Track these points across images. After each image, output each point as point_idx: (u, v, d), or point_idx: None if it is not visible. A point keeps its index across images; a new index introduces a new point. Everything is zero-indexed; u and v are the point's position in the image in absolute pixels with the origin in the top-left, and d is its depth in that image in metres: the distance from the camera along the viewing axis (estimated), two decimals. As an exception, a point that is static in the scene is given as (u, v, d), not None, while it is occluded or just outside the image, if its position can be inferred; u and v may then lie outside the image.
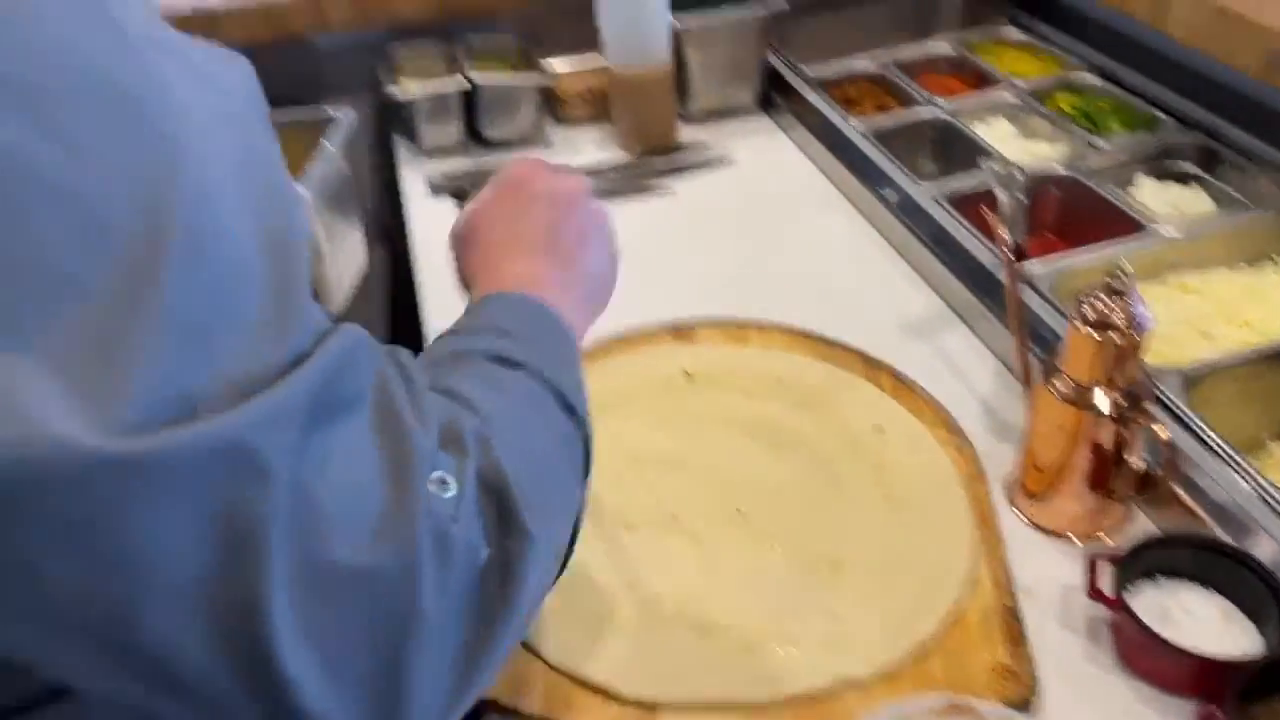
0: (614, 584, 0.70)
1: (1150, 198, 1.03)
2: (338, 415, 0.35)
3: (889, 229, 1.07)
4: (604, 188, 1.19)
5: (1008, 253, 0.77)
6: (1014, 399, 0.82)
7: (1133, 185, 1.06)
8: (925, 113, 1.21)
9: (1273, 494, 0.67)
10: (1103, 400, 0.66)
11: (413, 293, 1.06)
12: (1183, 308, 0.88)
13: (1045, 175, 1.06)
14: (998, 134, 1.18)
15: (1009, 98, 1.22)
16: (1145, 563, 0.64)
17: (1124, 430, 0.66)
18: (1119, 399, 0.66)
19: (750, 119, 1.33)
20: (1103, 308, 0.64)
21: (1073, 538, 0.71)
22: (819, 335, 0.92)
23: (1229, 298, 0.90)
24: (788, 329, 0.93)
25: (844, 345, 0.91)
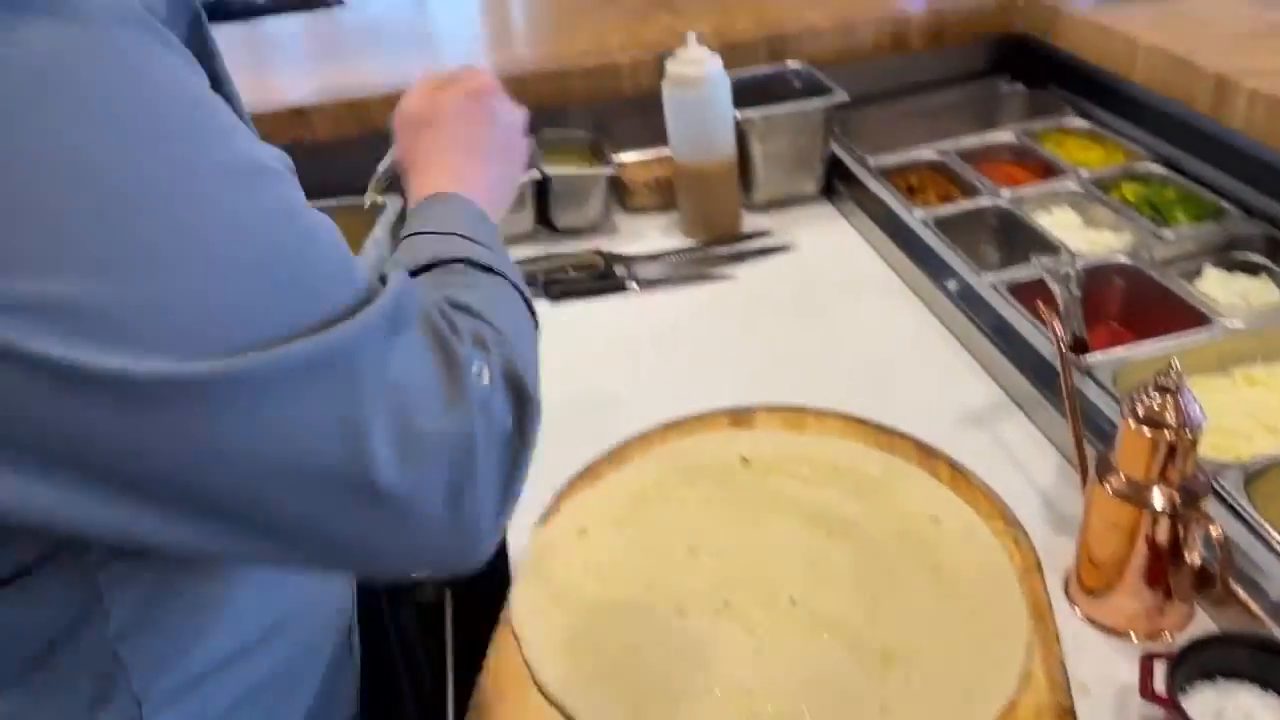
0: (664, 669, 0.71)
1: (1216, 289, 1.02)
2: (401, 331, 0.48)
3: (949, 317, 1.08)
4: (667, 273, 1.23)
5: (1062, 346, 0.78)
6: (1073, 491, 0.81)
7: (1199, 276, 1.05)
8: (987, 201, 1.22)
9: (1338, 596, 0.65)
10: (1157, 497, 0.65)
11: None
12: (1247, 401, 0.87)
13: (1109, 265, 1.06)
14: (1062, 223, 1.19)
15: (1073, 187, 1.22)
16: (1202, 663, 0.62)
17: (1180, 527, 0.66)
18: (1174, 496, 0.65)
19: (813, 206, 1.36)
20: (1154, 405, 0.64)
21: (1131, 635, 0.70)
22: (876, 423, 0.93)
23: (1296, 391, 0.89)
24: (845, 416, 0.94)
25: (901, 433, 0.91)
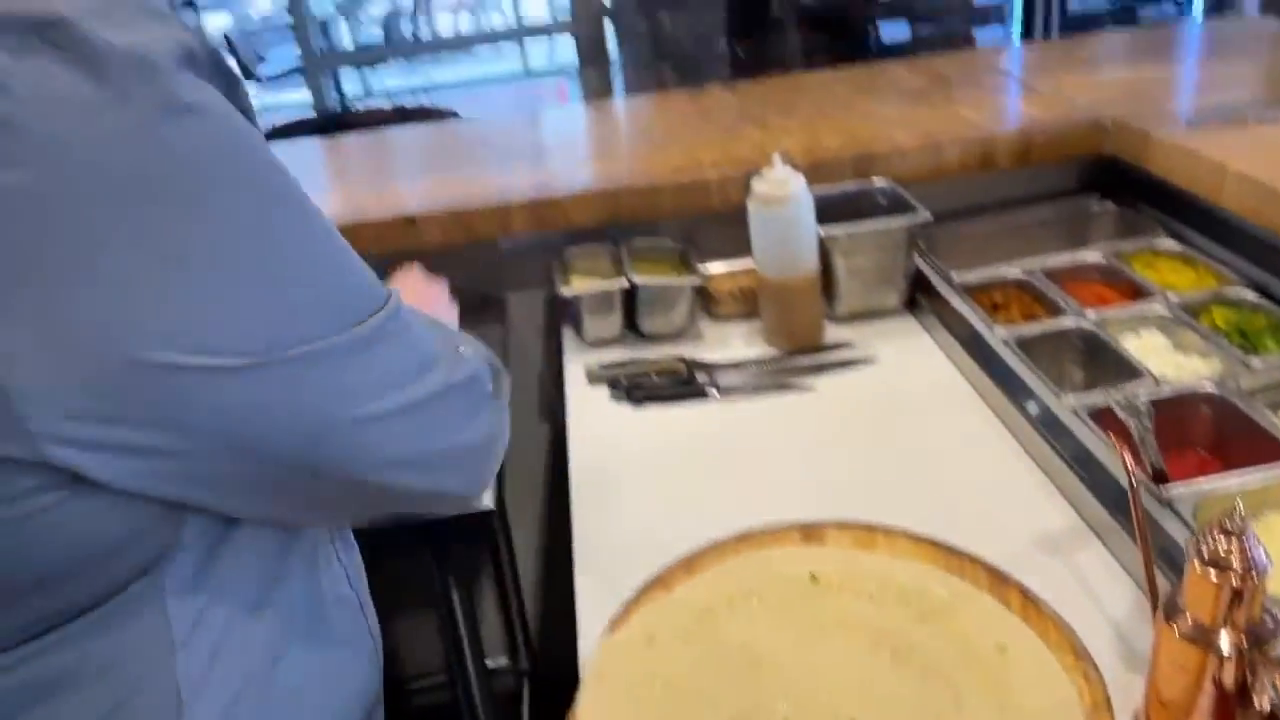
0: (720, 785, 0.72)
1: (1307, 421, 1.00)
2: (414, 325, 0.68)
3: (1028, 440, 1.07)
4: (748, 381, 1.26)
5: (1132, 479, 0.77)
6: (1147, 626, 0.79)
7: (1289, 407, 1.03)
8: (1071, 322, 1.22)
9: None
10: (1224, 641, 0.64)
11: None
12: (1334, 541, 0.84)
13: (1195, 393, 1.05)
14: (1149, 347, 1.18)
15: (1161, 310, 1.21)
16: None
17: (1248, 672, 0.64)
18: (1241, 640, 0.64)
19: (896, 320, 1.38)
20: (1219, 548, 0.63)
21: (1202, 783, 0.68)
22: (948, 545, 0.93)
23: (1388, 532, 0.86)
24: (916, 536, 0.94)
25: (972, 557, 0.91)
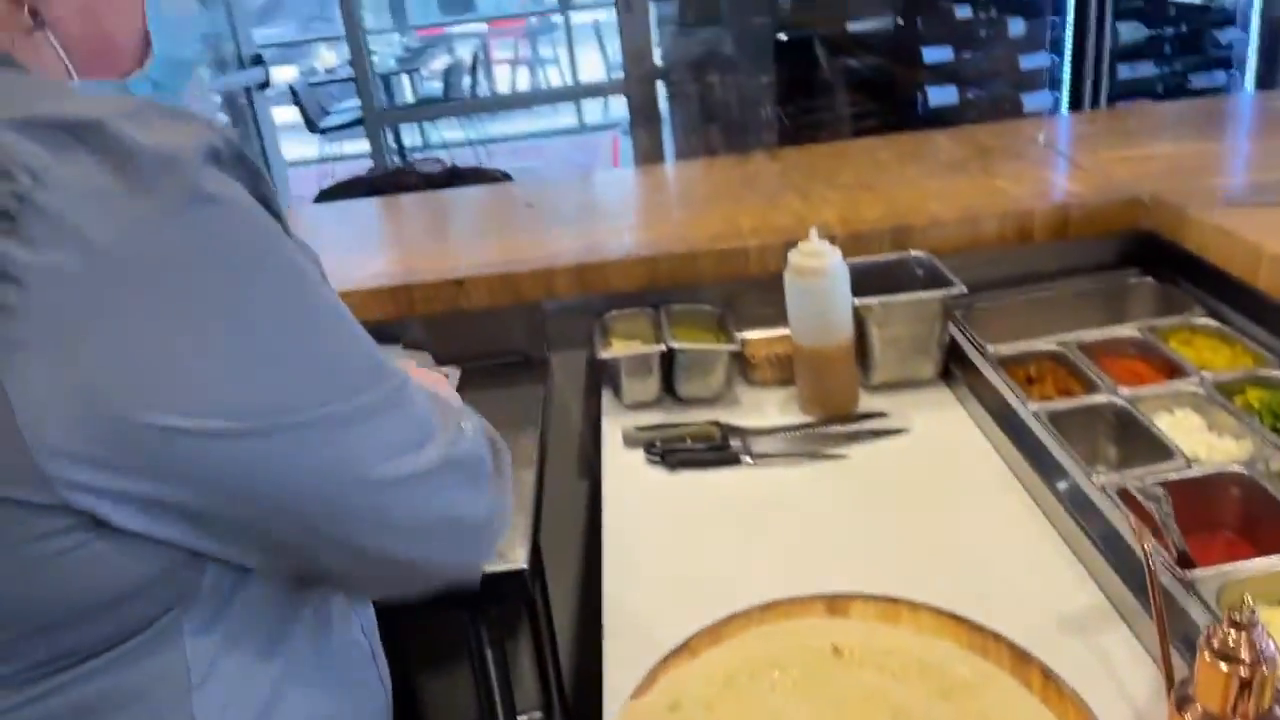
0: None
1: (1339, 508, 1.00)
2: (416, 399, 0.70)
3: (1057, 517, 1.08)
4: (781, 448, 1.28)
5: (1150, 564, 0.78)
6: (1166, 711, 0.80)
7: (1322, 492, 1.03)
8: (1104, 399, 1.23)
9: None
10: (1235, 734, 0.65)
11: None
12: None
13: (1225, 475, 1.05)
14: (1182, 426, 1.18)
15: (1196, 389, 1.21)
16: None
17: (1261, 769, 0.64)
18: (1253, 735, 0.65)
19: (930, 390, 1.39)
20: (1228, 640, 0.64)
21: None
22: (971, 622, 0.94)
23: None
24: (940, 612, 0.95)
25: (996, 634, 0.92)
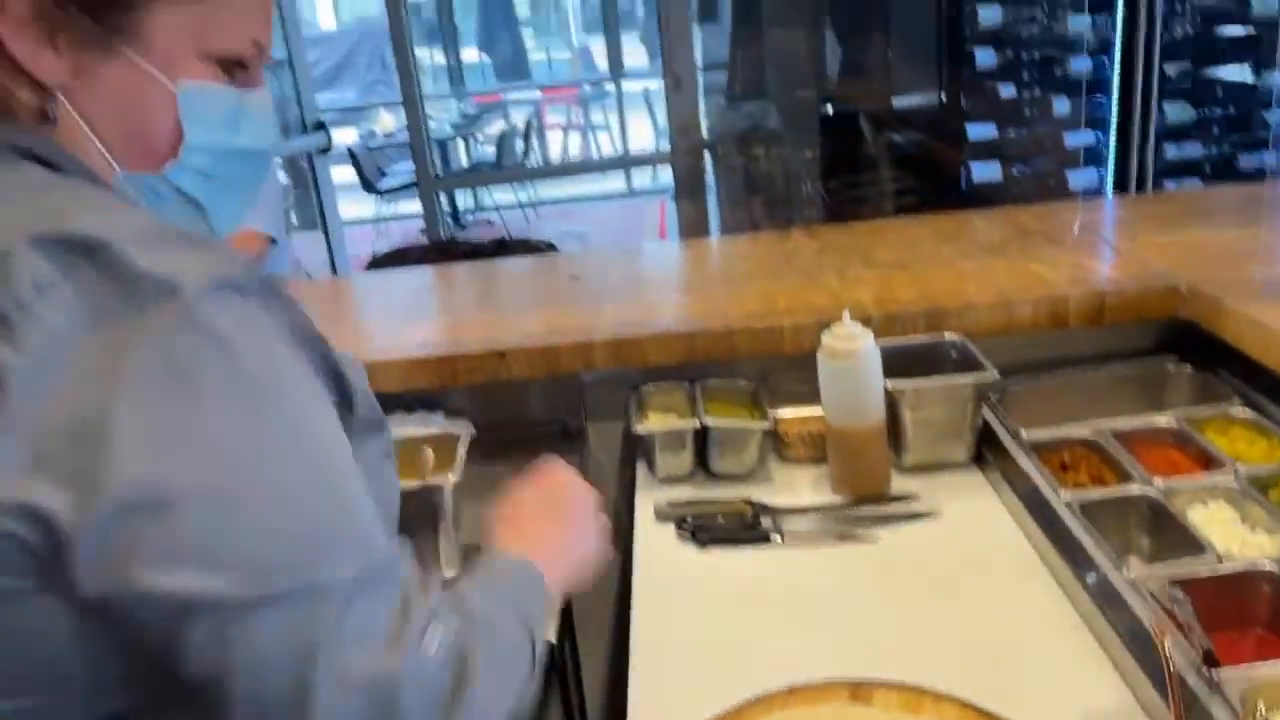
0: None
1: (1375, 611, 0.98)
2: (379, 591, 0.65)
3: (1086, 610, 1.08)
4: (812, 528, 1.29)
5: (1170, 666, 0.78)
6: (1190, 819, 0.79)
7: (1357, 594, 1.01)
8: (1138, 489, 1.22)
9: None
10: None
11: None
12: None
13: (1256, 571, 1.04)
14: (1216, 519, 1.17)
15: (1230, 482, 1.21)
16: None
17: None
18: None
19: (963, 474, 1.39)
20: (1244, 752, 0.64)
21: None
22: (995, 715, 0.94)
23: None
24: (964, 703, 0.95)
25: (1018, 729, 0.92)
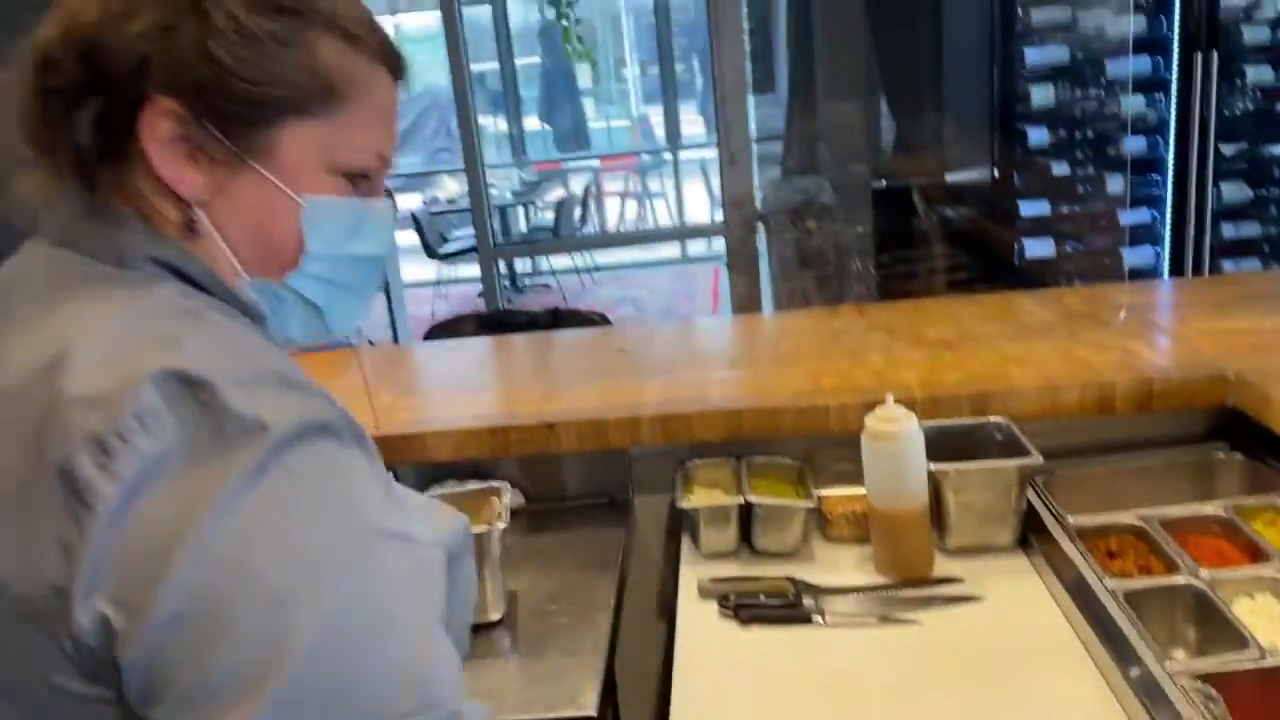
0: None
1: None
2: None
3: (1129, 703, 1.07)
4: (854, 609, 1.30)
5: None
6: None
7: None
8: (1184, 580, 1.22)
9: None
10: None
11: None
12: None
13: (1305, 671, 1.03)
14: (1261, 612, 1.16)
15: (1277, 574, 1.20)
16: None
17: None
18: None
19: (1007, 558, 1.39)
20: None
21: None
22: (1033, 807, 0.94)
23: None
24: (1001, 795, 0.96)
25: (1056, 825, 0.92)
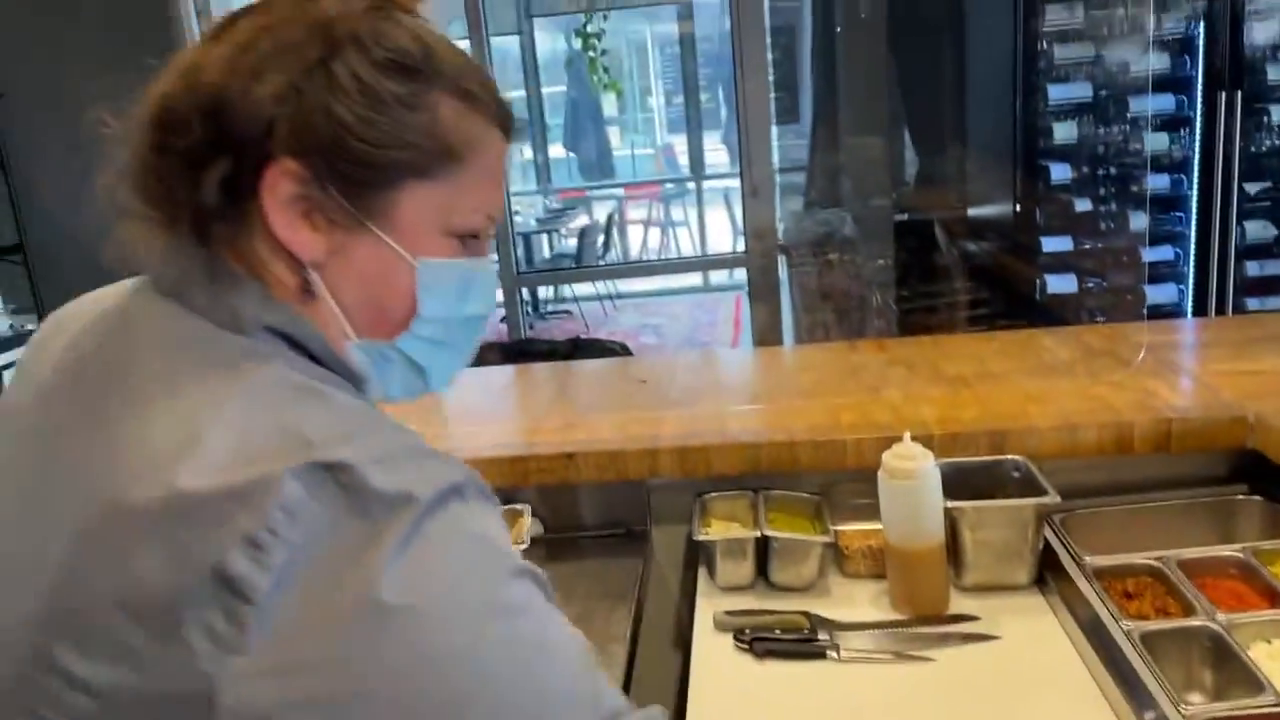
0: None
1: None
2: None
3: (1141, 745, 1.07)
4: (869, 646, 1.30)
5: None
6: None
7: None
8: (1200, 623, 1.21)
9: None
10: None
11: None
12: None
13: (1320, 715, 1.02)
14: (1279, 656, 1.15)
15: (1295, 619, 1.19)
16: None
17: None
18: None
19: (1023, 596, 1.39)
20: None
21: None
22: None
23: None
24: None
25: None
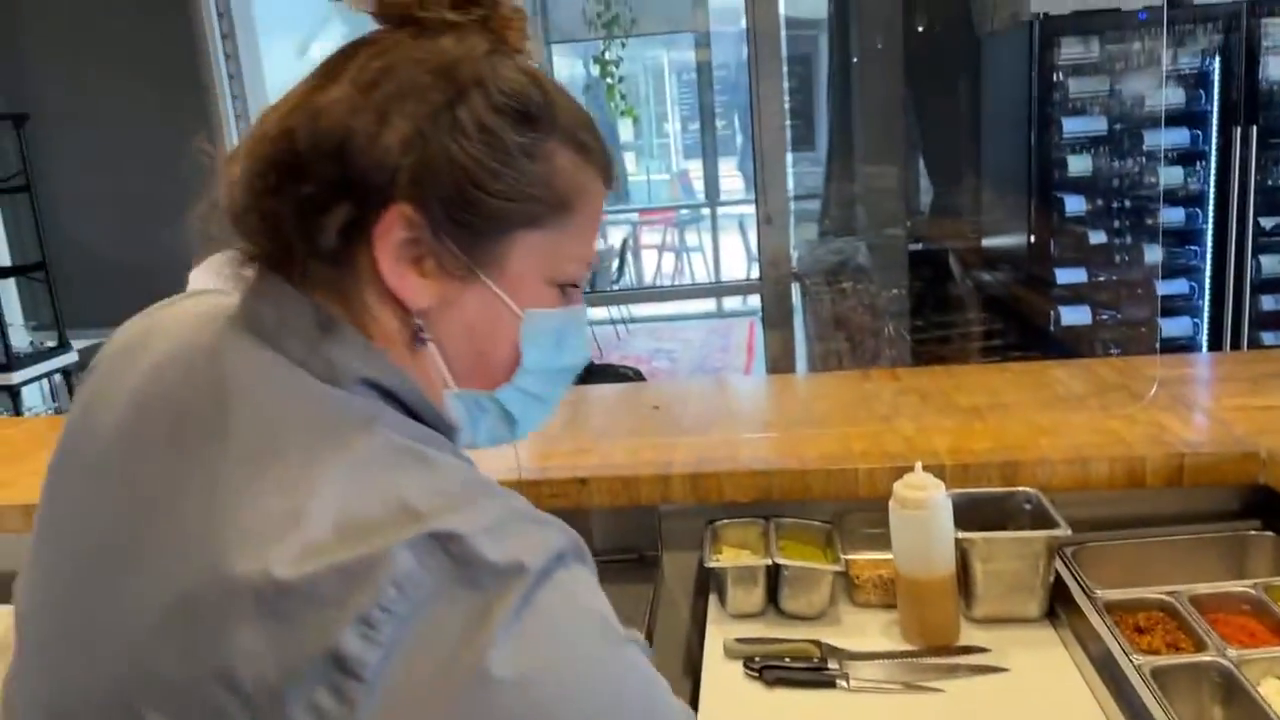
0: None
1: None
2: None
3: (1150, 780, 1.07)
4: (878, 676, 1.31)
5: None
6: None
7: None
8: (1211, 658, 1.21)
9: None
10: None
11: None
12: None
13: (1330, 755, 1.02)
14: (1291, 694, 1.15)
15: (1307, 656, 1.19)
16: None
17: None
18: None
19: (1034, 629, 1.39)
20: None
21: None
22: None
23: None
24: None
25: None
